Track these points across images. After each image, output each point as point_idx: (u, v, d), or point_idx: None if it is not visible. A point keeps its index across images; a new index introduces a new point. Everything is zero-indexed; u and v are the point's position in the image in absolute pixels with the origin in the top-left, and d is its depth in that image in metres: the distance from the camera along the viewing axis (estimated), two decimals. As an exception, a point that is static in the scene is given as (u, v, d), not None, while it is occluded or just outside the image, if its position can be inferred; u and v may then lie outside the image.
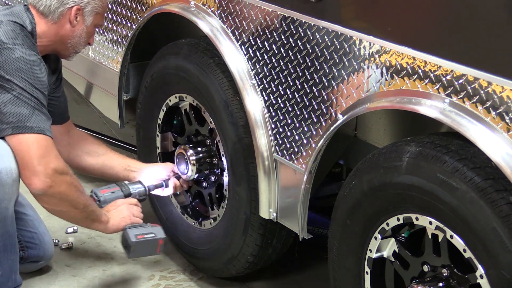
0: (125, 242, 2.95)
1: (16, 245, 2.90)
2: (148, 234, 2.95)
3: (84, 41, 2.97)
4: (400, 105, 2.27)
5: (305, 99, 2.60)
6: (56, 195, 2.73)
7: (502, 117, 2.01)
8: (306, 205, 2.66)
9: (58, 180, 2.71)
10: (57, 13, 2.85)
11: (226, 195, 3.07)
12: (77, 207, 2.81)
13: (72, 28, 2.89)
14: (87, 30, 2.94)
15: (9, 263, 2.86)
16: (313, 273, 3.38)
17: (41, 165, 2.67)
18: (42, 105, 2.72)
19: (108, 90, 3.69)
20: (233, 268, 3.14)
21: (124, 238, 2.94)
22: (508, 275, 2.01)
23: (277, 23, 2.65)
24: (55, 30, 2.88)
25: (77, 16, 2.88)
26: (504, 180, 2.02)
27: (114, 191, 3.07)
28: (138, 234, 2.93)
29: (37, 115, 2.69)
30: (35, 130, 2.67)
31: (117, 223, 2.96)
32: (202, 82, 3.00)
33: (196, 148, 3.18)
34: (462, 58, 2.09)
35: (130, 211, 3.00)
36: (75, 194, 2.78)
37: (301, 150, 2.65)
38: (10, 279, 2.89)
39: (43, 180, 2.68)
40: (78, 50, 3.00)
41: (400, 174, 2.26)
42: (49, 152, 2.70)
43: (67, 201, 2.77)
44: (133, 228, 2.94)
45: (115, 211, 2.97)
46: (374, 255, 2.43)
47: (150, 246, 2.98)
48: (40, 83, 2.73)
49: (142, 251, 2.99)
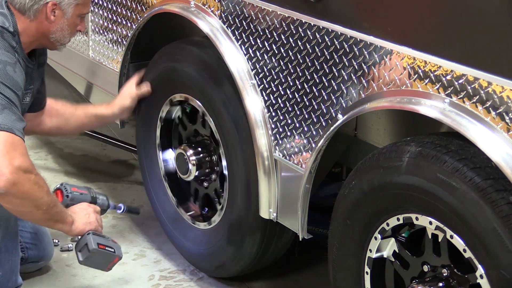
0: (83, 246, 2.86)
1: (18, 246, 2.90)
2: (109, 248, 2.89)
3: (69, 33, 2.90)
4: (400, 105, 2.27)
5: (305, 99, 2.60)
6: (19, 195, 2.58)
7: (502, 117, 2.01)
8: (306, 205, 2.66)
9: (22, 178, 2.56)
10: (32, 10, 2.78)
11: (226, 195, 3.07)
12: (40, 208, 2.67)
13: (51, 24, 2.83)
14: (69, 22, 2.86)
15: (10, 264, 2.86)
16: (313, 273, 3.38)
17: (5, 162, 2.52)
18: (12, 105, 2.61)
19: (108, 90, 3.69)
20: (233, 268, 3.14)
21: (83, 241, 2.85)
22: (508, 275, 2.01)
23: (277, 23, 2.65)
24: (34, 27, 2.82)
25: (55, 11, 2.81)
26: (504, 180, 2.02)
27: (83, 194, 3.03)
28: (100, 243, 2.86)
29: (6, 113, 2.57)
30: (1, 127, 2.54)
31: (82, 226, 2.86)
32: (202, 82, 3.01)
33: (196, 148, 3.19)
34: (462, 58, 2.09)
35: (96, 217, 2.94)
36: (39, 195, 2.64)
37: (301, 150, 2.65)
38: (10, 280, 2.89)
39: (6, 178, 2.52)
40: (64, 42, 2.93)
41: (400, 174, 2.26)
42: (15, 149, 2.55)
43: (30, 201, 2.63)
44: (96, 236, 2.87)
45: (81, 214, 2.89)
46: (374, 255, 2.43)
47: (105, 260, 2.91)
48: (12, 82, 2.63)
49: (96, 261, 2.91)
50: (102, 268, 2.95)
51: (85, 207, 2.94)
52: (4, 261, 2.84)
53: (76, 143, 4.28)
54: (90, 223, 2.89)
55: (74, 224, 2.83)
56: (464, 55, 2.09)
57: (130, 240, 3.61)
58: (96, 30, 3.69)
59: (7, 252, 2.83)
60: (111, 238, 2.96)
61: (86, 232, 2.87)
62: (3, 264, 2.84)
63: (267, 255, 3.08)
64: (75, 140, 4.26)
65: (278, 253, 3.12)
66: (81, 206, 2.94)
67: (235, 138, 2.92)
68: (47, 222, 2.79)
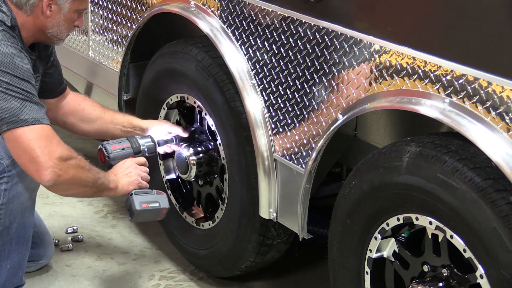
0: (129, 206, 2.94)
1: (29, 240, 2.90)
2: (153, 203, 2.94)
3: (66, 28, 2.89)
4: (400, 105, 2.27)
5: (305, 99, 2.60)
6: (66, 182, 2.70)
7: (502, 117, 2.01)
8: (306, 205, 2.66)
9: (64, 167, 2.67)
10: (28, 5, 2.78)
11: (226, 195, 3.07)
12: (87, 186, 2.79)
13: (47, 19, 2.82)
14: (66, 18, 2.85)
15: (19, 257, 2.86)
16: (313, 273, 3.38)
17: (46, 156, 2.63)
18: (31, 95, 2.67)
19: (108, 90, 3.69)
20: (233, 268, 3.14)
21: (129, 202, 2.93)
22: (508, 275, 2.01)
23: (277, 23, 2.65)
24: (31, 21, 2.81)
25: (51, 6, 2.80)
26: (504, 180, 2.02)
27: (125, 148, 3.04)
28: (143, 202, 2.92)
29: (28, 106, 2.64)
30: (30, 122, 2.62)
31: (126, 187, 2.93)
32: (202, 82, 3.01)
33: (196, 148, 3.19)
34: (462, 58, 2.09)
35: (138, 174, 2.97)
36: (83, 175, 2.75)
37: (301, 150, 2.65)
38: (16, 275, 2.88)
39: (51, 171, 2.64)
40: (61, 37, 2.92)
41: (400, 174, 2.26)
42: (50, 140, 2.66)
43: (77, 184, 2.75)
44: (139, 195, 2.93)
45: (123, 175, 2.95)
46: (374, 255, 2.43)
47: (152, 215, 2.98)
48: (24, 72, 2.67)
49: (145, 218, 3.01)
50: (154, 219, 3.06)
51: (128, 164, 2.97)
52: (13, 253, 2.84)
53: (76, 143, 4.28)
54: (132, 182, 2.94)
55: (117, 187, 2.91)
56: (464, 55, 2.09)
57: (130, 240, 3.61)
58: (96, 30, 3.69)
59: (18, 243, 2.84)
60: (155, 191, 2.99)
61: (129, 192, 2.93)
62: (12, 256, 2.84)
63: (267, 255, 3.08)
64: (75, 140, 4.26)
65: (278, 253, 3.12)
66: (124, 164, 2.98)
67: (235, 137, 2.92)
68: (96, 194, 2.89)
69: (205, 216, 3.31)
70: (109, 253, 3.50)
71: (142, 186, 2.97)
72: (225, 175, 3.06)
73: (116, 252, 3.51)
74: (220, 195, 3.19)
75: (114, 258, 3.47)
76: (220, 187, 3.19)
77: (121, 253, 3.50)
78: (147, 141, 3.11)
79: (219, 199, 3.18)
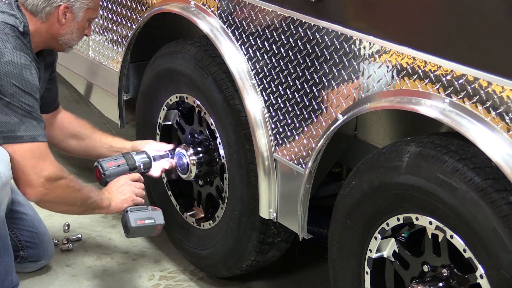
0: (125, 223, 2.96)
1: (9, 247, 2.89)
2: (148, 220, 2.97)
3: (77, 36, 2.94)
4: (400, 105, 2.27)
5: (305, 99, 2.60)
6: (52, 200, 2.80)
7: (502, 117, 2.01)
8: (306, 205, 2.66)
9: (52, 187, 2.75)
10: (44, 12, 2.82)
11: (226, 194, 3.07)
12: (75, 205, 2.86)
13: (62, 26, 2.87)
14: (79, 26, 2.91)
15: (4, 265, 2.86)
16: (313, 273, 3.38)
17: (35, 175, 2.72)
18: (33, 109, 2.72)
19: (108, 90, 3.69)
20: (234, 268, 3.14)
21: (124, 219, 2.96)
22: (508, 275, 2.01)
23: (277, 23, 2.65)
24: (45, 28, 2.86)
25: (66, 14, 2.84)
26: (504, 180, 2.02)
27: (120, 164, 3.06)
28: (138, 218, 2.95)
29: (27, 122, 2.69)
30: (25, 139, 2.69)
31: (120, 205, 2.96)
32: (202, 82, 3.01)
33: (196, 148, 3.19)
34: (462, 58, 2.09)
35: (132, 191, 2.99)
36: (71, 195, 2.83)
37: (301, 150, 2.65)
38: (6, 280, 2.89)
39: (37, 190, 2.73)
40: (72, 44, 2.97)
41: (400, 174, 2.26)
42: (43, 159, 2.73)
43: (63, 203, 2.84)
44: (134, 212, 2.95)
45: (117, 192, 2.97)
46: (374, 255, 2.43)
47: (148, 230, 3.01)
48: (30, 86, 2.71)
49: (141, 233, 3.07)
50: (149, 235, 3.14)
51: (122, 182, 3.00)
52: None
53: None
54: (126, 200, 2.97)
55: (111, 205, 2.95)
56: (464, 55, 2.09)
57: (130, 240, 3.60)
58: (96, 30, 3.69)
59: None
60: (150, 207, 3.01)
61: (125, 209, 2.96)
62: None
63: (267, 255, 3.08)
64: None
65: (278, 253, 3.12)
66: (117, 182, 3.00)
67: (234, 135, 2.92)
68: (85, 212, 2.97)
69: (205, 216, 3.31)
70: (109, 253, 3.50)
71: (137, 202, 3.00)
72: (225, 174, 3.07)
73: (116, 252, 3.51)
74: (220, 194, 3.19)
75: (114, 258, 3.46)
76: (220, 186, 3.19)
77: (121, 253, 3.49)
78: (142, 157, 3.12)
79: (219, 199, 3.18)
